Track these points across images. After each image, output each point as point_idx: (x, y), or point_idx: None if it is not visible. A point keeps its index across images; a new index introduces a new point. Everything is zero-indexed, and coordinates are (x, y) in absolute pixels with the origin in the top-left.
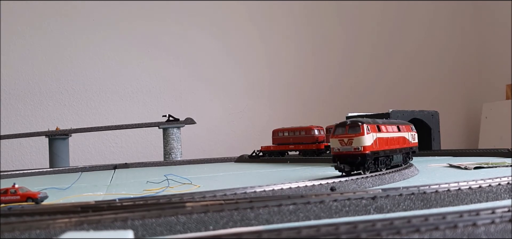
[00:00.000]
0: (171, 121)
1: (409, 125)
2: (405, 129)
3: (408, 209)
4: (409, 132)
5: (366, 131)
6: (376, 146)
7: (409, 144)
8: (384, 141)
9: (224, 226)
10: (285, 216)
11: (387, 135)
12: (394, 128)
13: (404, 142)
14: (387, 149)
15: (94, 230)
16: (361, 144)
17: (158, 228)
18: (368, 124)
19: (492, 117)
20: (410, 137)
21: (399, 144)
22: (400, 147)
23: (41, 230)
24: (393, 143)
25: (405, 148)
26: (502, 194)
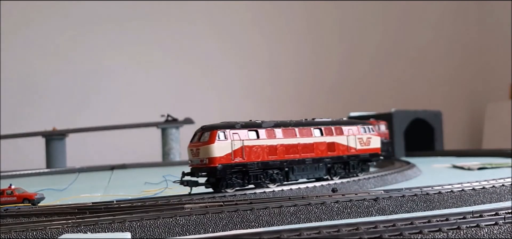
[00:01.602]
0: (170, 121)
1: (357, 126)
2: (344, 131)
3: (411, 210)
4: (355, 135)
5: (219, 138)
6: (240, 156)
7: (348, 151)
8: (264, 149)
9: (224, 228)
10: (286, 217)
11: (276, 141)
12: (306, 131)
13: (334, 148)
14: (273, 159)
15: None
16: (208, 155)
17: (157, 230)
18: (227, 128)
19: (495, 118)
20: (356, 141)
21: (312, 152)
22: (316, 156)
23: (38, 232)
24: (295, 151)
25: (335, 156)
26: (506, 195)
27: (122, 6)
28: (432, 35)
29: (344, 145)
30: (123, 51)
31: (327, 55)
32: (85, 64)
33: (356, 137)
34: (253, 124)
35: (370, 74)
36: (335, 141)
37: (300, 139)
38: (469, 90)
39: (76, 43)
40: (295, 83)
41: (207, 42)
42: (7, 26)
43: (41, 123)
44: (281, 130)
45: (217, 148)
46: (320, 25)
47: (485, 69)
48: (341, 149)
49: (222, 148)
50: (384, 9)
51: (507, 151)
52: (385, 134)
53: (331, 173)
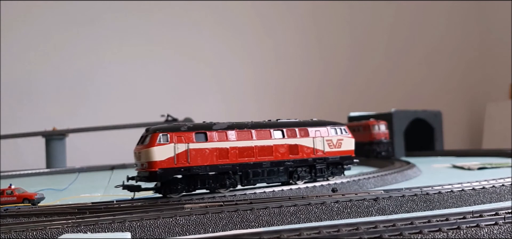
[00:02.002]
0: (170, 121)
1: (326, 127)
2: (309, 133)
3: (411, 210)
4: (324, 137)
5: (159, 141)
6: (185, 160)
7: (314, 154)
8: (213, 153)
9: (224, 228)
10: (286, 217)
11: (228, 144)
12: (264, 133)
13: (298, 151)
14: (223, 163)
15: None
16: (148, 159)
17: (157, 230)
18: (171, 131)
19: (495, 117)
20: (324, 143)
21: (271, 155)
22: (276, 159)
23: (38, 232)
24: (250, 154)
25: (298, 159)
26: (506, 195)
27: (122, 5)
28: (432, 36)
29: (309, 147)
30: (123, 51)
31: (327, 55)
32: (85, 64)
33: (324, 138)
34: (203, 125)
35: (370, 74)
36: (299, 143)
37: (257, 141)
38: (469, 90)
39: (76, 43)
40: (295, 83)
41: (207, 42)
42: (6, 25)
43: (41, 123)
44: (235, 131)
45: (157, 151)
46: (320, 26)
47: (485, 69)
48: (305, 152)
49: (163, 151)
50: (385, 11)
51: (507, 151)
52: (385, 134)
53: (293, 177)
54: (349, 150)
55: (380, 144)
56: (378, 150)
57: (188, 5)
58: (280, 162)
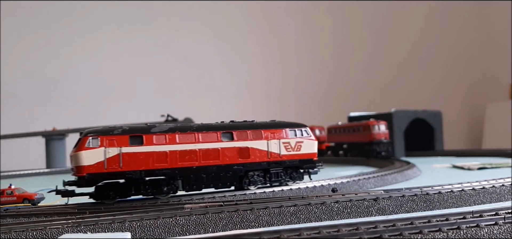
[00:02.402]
0: (170, 121)
1: (284, 129)
2: (263, 135)
3: (411, 210)
4: (280, 139)
5: (89, 145)
6: (116, 164)
7: (268, 157)
8: (149, 157)
9: (224, 228)
10: (286, 217)
11: (166, 147)
12: (210, 135)
13: (249, 154)
14: (161, 167)
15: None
16: (76, 163)
17: (157, 230)
18: (102, 134)
19: (495, 118)
20: (280, 146)
21: (217, 159)
22: (223, 163)
23: (38, 232)
24: (193, 158)
25: (249, 163)
26: (506, 195)
27: (123, 5)
28: (432, 36)
29: (262, 151)
30: (124, 51)
31: (327, 55)
32: (85, 64)
33: (281, 141)
34: (139, 128)
35: (370, 75)
36: (250, 146)
37: (201, 144)
38: (469, 90)
39: (76, 44)
40: (295, 83)
41: (207, 43)
42: (6, 24)
43: (41, 123)
44: (176, 134)
45: (85, 155)
46: (320, 26)
47: (485, 69)
48: (258, 155)
49: (92, 156)
50: (385, 10)
51: (507, 151)
52: (385, 134)
53: (244, 182)
54: (310, 153)
55: (380, 144)
56: (378, 150)
57: (189, 5)
58: (228, 166)
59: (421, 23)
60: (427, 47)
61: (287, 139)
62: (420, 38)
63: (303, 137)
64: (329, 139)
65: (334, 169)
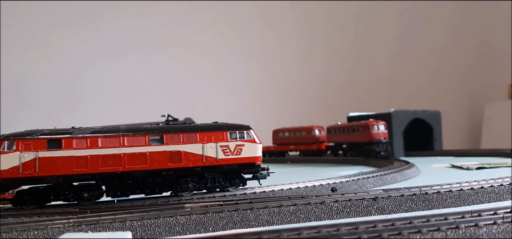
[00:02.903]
0: (170, 121)
1: (222, 132)
2: (198, 138)
3: (410, 209)
4: (217, 142)
5: (4, 149)
6: (32, 169)
7: (203, 162)
8: (68, 161)
9: (224, 227)
10: (286, 217)
11: (88, 151)
12: (137, 138)
13: (181, 159)
14: (81, 172)
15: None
16: None
17: (157, 229)
18: (18, 137)
19: (494, 117)
20: (217, 150)
21: (145, 164)
22: (151, 168)
23: (39, 231)
24: (118, 163)
25: (181, 168)
26: (504, 194)
27: (122, 5)
28: (431, 36)
29: (197, 155)
30: (124, 51)
31: (327, 55)
32: (86, 64)
33: (218, 144)
34: (59, 131)
35: (370, 75)
36: (183, 150)
37: (127, 148)
38: (468, 90)
39: (76, 43)
40: (295, 83)
41: (207, 42)
42: (6, 24)
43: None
44: (98, 138)
45: (0, 160)
46: (320, 26)
47: (485, 69)
48: (191, 160)
49: (7, 160)
50: (384, 10)
51: (506, 151)
52: (384, 134)
53: (177, 188)
54: (252, 156)
55: (379, 144)
56: (377, 150)
57: (189, 4)
58: (157, 172)
59: (420, 23)
60: (426, 47)
61: (226, 142)
62: (419, 38)
63: (245, 140)
64: (329, 139)
65: (333, 168)
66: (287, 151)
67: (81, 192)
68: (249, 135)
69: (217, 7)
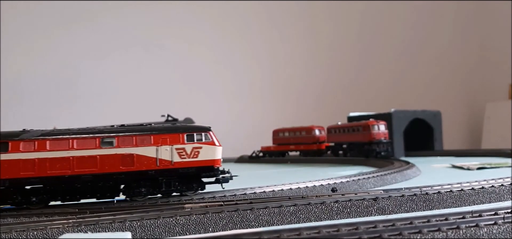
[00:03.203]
0: (170, 121)
1: (178, 134)
2: (152, 141)
3: (410, 210)
4: (173, 145)
5: None
6: None
7: (158, 165)
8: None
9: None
10: (286, 217)
11: (34, 155)
12: (87, 141)
13: (133, 162)
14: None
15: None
16: None
17: (157, 229)
18: None
19: (495, 117)
20: (172, 153)
21: (95, 167)
22: (101, 172)
23: (38, 232)
24: (66, 166)
25: (134, 172)
26: (505, 195)
27: (122, 5)
28: (432, 36)
29: (150, 158)
30: (124, 50)
31: (327, 55)
32: (85, 64)
33: (173, 147)
34: (8, 134)
35: (370, 75)
36: (135, 153)
37: (76, 151)
38: (468, 90)
39: (76, 43)
40: (295, 83)
41: (207, 42)
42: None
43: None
44: (47, 141)
45: None
46: (321, 26)
47: (485, 69)
48: (144, 163)
49: None
50: (384, 11)
51: (506, 151)
52: (384, 134)
53: (129, 192)
54: (210, 159)
55: (379, 144)
56: (378, 150)
57: (189, 4)
58: (107, 175)
59: (420, 23)
60: (426, 47)
61: (182, 145)
62: (419, 38)
63: (202, 142)
64: (329, 139)
65: (333, 168)
66: (287, 151)
67: (29, 196)
68: (207, 137)
69: (219, 7)
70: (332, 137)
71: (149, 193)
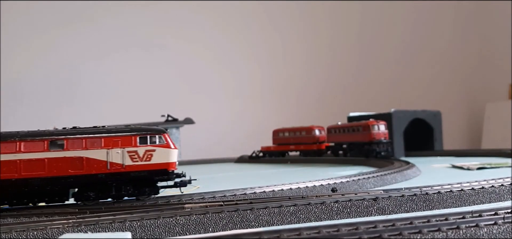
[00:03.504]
0: (170, 121)
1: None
2: (102, 143)
3: (410, 210)
4: (124, 147)
5: None
6: None
7: (108, 168)
8: None
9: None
10: (286, 217)
11: None
12: (35, 144)
13: (83, 165)
14: None
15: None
16: None
17: (157, 229)
18: None
19: (495, 117)
20: (124, 156)
21: (43, 171)
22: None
23: (38, 232)
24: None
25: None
26: (505, 195)
27: (122, 5)
28: (432, 36)
29: (101, 161)
30: (124, 51)
31: (327, 55)
32: (85, 64)
33: (125, 150)
34: None
35: (370, 75)
36: (85, 156)
37: (23, 154)
38: (468, 90)
39: (76, 43)
40: (295, 83)
41: (208, 42)
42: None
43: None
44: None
45: None
46: (321, 26)
47: (485, 69)
48: (94, 166)
49: None
50: (384, 11)
51: (506, 151)
52: (384, 134)
53: (77, 196)
54: (164, 163)
55: (379, 144)
56: (378, 150)
57: (189, 5)
58: (55, 179)
59: (420, 23)
60: (426, 47)
61: (134, 147)
62: (419, 38)
63: (156, 145)
64: (329, 139)
65: (333, 168)
66: (287, 151)
67: None
68: (161, 139)
69: (219, 7)
70: (332, 137)
71: (98, 197)
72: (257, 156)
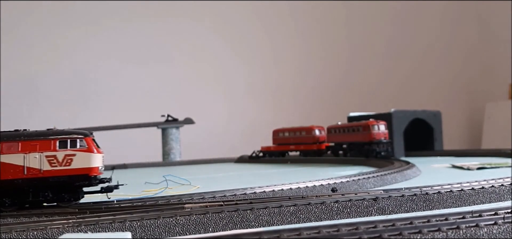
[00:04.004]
0: (170, 121)
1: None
2: (19, 148)
3: (410, 210)
4: (43, 152)
5: None
6: None
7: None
8: None
9: (224, 228)
10: (286, 217)
11: None
12: None
13: None
14: None
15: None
16: None
17: (157, 229)
18: None
19: (495, 117)
20: (42, 160)
21: None
22: None
23: (38, 232)
24: None
25: None
26: (505, 195)
27: (122, 5)
28: (432, 35)
29: (17, 166)
30: (123, 51)
31: (327, 55)
32: (85, 64)
33: (43, 154)
34: None
35: (370, 75)
36: (1, 161)
37: None
38: (468, 90)
39: (76, 43)
40: (295, 83)
41: (208, 42)
42: (7, 24)
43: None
44: None
45: None
46: (320, 26)
47: (485, 69)
48: (11, 172)
49: None
50: (384, 10)
51: (506, 151)
52: (384, 134)
53: None
54: (85, 167)
55: (379, 144)
56: (378, 150)
57: (190, 4)
58: None
59: (420, 22)
60: (426, 47)
61: (53, 152)
62: (419, 38)
63: (77, 149)
64: (329, 139)
65: (333, 168)
66: (287, 151)
67: None
68: (82, 143)
69: (221, 5)
70: (332, 137)
71: (14, 203)
72: (257, 156)
